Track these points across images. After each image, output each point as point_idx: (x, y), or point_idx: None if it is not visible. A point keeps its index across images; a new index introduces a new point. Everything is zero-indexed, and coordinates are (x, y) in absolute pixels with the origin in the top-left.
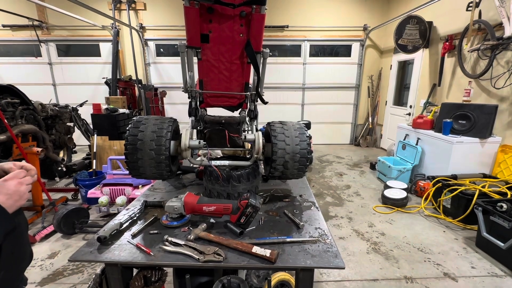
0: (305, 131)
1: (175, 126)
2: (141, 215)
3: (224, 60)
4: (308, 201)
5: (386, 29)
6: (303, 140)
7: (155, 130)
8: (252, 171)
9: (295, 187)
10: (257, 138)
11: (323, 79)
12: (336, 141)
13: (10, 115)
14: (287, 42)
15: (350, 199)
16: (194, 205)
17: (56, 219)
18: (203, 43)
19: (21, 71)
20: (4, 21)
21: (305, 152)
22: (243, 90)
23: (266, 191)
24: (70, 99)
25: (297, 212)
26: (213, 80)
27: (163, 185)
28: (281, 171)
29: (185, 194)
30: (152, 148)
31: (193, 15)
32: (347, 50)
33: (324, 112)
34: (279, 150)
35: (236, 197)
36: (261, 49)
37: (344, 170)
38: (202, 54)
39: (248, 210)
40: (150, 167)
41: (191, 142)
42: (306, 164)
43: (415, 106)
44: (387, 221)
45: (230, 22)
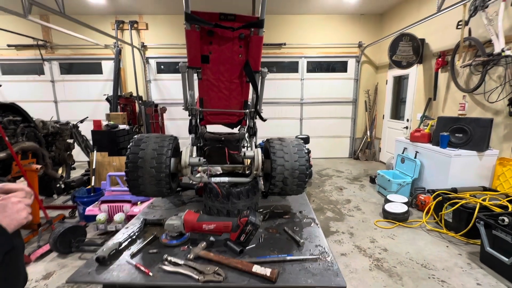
0: (303, 147)
1: (175, 144)
2: (141, 233)
3: (223, 80)
4: (308, 217)
5: (380, 46)
6: (302, 156)
7: (156, 148)
8: (251, 188)
9: (294, 203)
10: (256, 155)
11: (320, 94)
12: (335, 154)
13: (11, 132)
14: (285, 59)
15: (351, 213)
16: (194, 223)
17: (53, 237)
18: (203, 63)
19: (24, 89)
20: (10, 41)
21: (304, 168)
22: (242, 107)
23: (266, 208)
24: (71, 115)
25: (297, 229)
26: (213, 98)
27: (162, 202)
28: (281, 187)
29: (185, 212)
30: (153, 166)
31: (194, 37)
32: (343, 66)
33: (322, 126)
34: (278, 166)
35: (236, 214)
36: (259, 69)
37: (344, 184)
38: (203, 74)
39: (248, 228)
40: (150, 184)
41: (191, 160)
42: (305, 180)
43: (411, 119)
44: (389, 236)
45: (229, 44)
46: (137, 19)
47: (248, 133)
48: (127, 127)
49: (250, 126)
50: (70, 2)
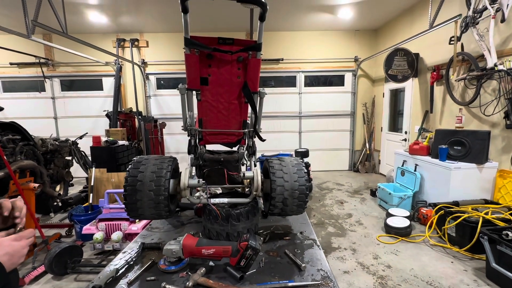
0: (303, 167)
1: (174, 165)
2: (138, 259)
3: (222, 101)
4: (309, 238)
5: (376, 60)
6: (302, 176)
7: (155, 171)
8: (251, 209)
9: (295, 223)
10: (256, 175)
11: (318, 107)
12: (335, 167)
13: (10, 151)
14: (282, 74)
15: (353, 228)
16: (193, 248)
17: (48, 259)
18: (202, 85)
19: (24, 106)
20: (12, 59)
21: (304, 188)
22: (241, 127)
23: (266, 228)
24: (71, 131)
25: (298, 252)
26: (212, 119)
27: (161, 224)
28: (281, 208)
29: (184, 237)
30: (152, 188)
31: (193, 61)
32: (340, 79)
33: (321, 139)
34: (278, 187)
35: (235, 236)
36: (257, 90)
37: (345, 198)
38: (202, 95)
39: (248, 253)
40: (149, 207)
41: (190, 182)
42: (305, 200)
43: (410, 131)
44: (392, 252)
45: (228, 67)
46: (138, 37)
47: (248, 152)
48: (126, 143)
49: (249, 145)
50: (73, 21)
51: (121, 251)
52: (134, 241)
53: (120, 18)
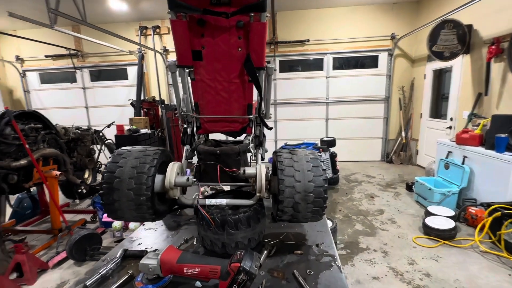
0: (320, 163)
1: (163, 158)
2: (117, 269)
3: (221, 80)
4: (327, 254)
5: (417, 37)
6: (319, 175)
7: (136, 165)
8: (254, 214)
9: (311, 231)
10: (259, 173)
11: (348, 92)
12: (365, 157)
13: (32, 139)
14: (308, 56)
15: (384, 227)
16: (173, 265)
17: (68, 245)
18: (195, 61)
19: (60, 96)
20: (47, 52)
21: (321, 190)
22: (245, 113)
23: (274, 237)
24: (101, 120)
25: (311, 274)
26: (210, 102)
27: (155, 224)
28: (291, 213)
29: (165, 249)
30: (131, 187)
31: (181, 29)
32: (373, 61)
33: (350, 127)
34: (287, 188)
35: (233, 248)
36: (264, 64)
37: (376, 192)
38: (195, 73)
39: (241, 278)
40: (129, 209)
41: (178, 179)
42: (322, 205)
43: (456, 118)
44: (432, 257)
45: (225, 35)
46: (160, 24)
47: (254, 144)
48: (149, 131)
49: (256, 134)
50: (95, 11)
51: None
52: (119, 245)
53: (140, 4)
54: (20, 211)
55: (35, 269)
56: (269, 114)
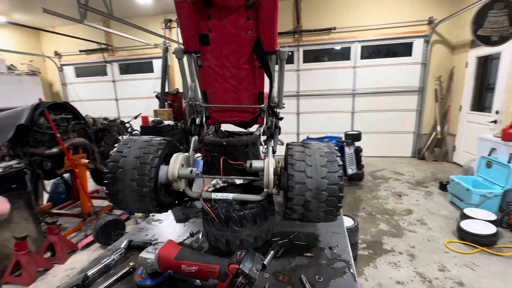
0: (337, 158)
1: (169, 149)
2: (121, 260)
3: (229, 66)
4: (341, 258)
5: (459, 20)
6: (333, 171)
7: (139, 156)
8: (261, 211)
9: (325, 232)
10: (267, 167)
11: (377, 83)
12: (394, 153)
13: (63, 129)
14: (334, 45)
15: (412, 228)
16: (171, 262)
17: (95, 229)
18: (202, 45)
19: (93, 89)
20: (81, 47)
21: (336, 189)
22: (256, 102)
23: (284, 236)
24: (129, 112)
25: (321, 280)
26: (218, 90)
27: (163, 216)
28: (301, 212)
29: (163, 244)
30: (134, 178)
31: (186, 11)
32: (407, 48)
33: (378, 120)
34: (297, 185)
35: (237, 245)
36: (275, 48)
37: (404, 190)
38: (203, 59)
39: (239, 281)
40: (132, 200)
41: (181, 171)
42: (337, 205)
43: (503, 111)
44: (467, 264)
45: (233, 16)
46: None
47: (265, 135)
48: (172, 123)
49: (267, 125)
50: (122, 6)
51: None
52: (126, 235)
53: None
54: (56, 196)
55: (65, 249)
56: (283, 103)
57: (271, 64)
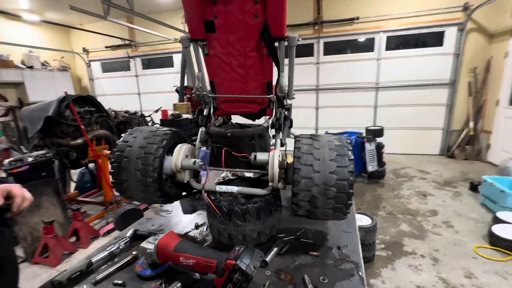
0: (347, 151)
1: (177, 139)
2: (125, 248)
3: (236, 54)
4: (350, 260)
5: (500, 5)
6: (343, 166)
7: (144, 146)
8: (265, 205)
9: (335, 230)
10: (272, 160)
11: (403, 75)
12: (420, 150)
13: (87, 121)
14: (357, 36)
15: (437, 230)
16: (169, 253)
17: (115, 217)
18: (208, 33)
19: (118, 84)
20: (107, 44)
21: (345, 184)
22: (265, 92)
23: (290, 232)
24: (150, 106)
25: (325, 282)
26: (225, 80)
27: (171, 207)
28: (307, 209)
29: (163, 234)
30: (138, 168)
31: None
32: (438, 38)
33: (403, 115)
34: (303, 179)
35: (240, 240)
36: (284, 34)
37: (430, 190)
38: (209, 47)
39: (236, 277)
40: (136, 190)
41: (184, 162)
42: (346, 202)
43: None
44: (498, 272)
45: (240, 0)
46: None
47: (274, 127)
48: (190, 116)
49: (276, 117)
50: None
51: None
52: (133, 224)
53: None
54: (82, 184)
55: (88, 235)
56: (293, 94)
57: (280, 51)
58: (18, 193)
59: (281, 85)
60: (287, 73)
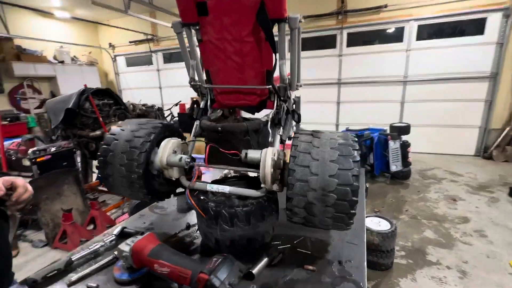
0: (353, 152)
1: (167, 133)
2: (110, 247)
3: (231, 39)
4: (351, 278)
5: None
6: (347, 168)
7: (131, 139)
8: (257, 209)
9: (339, 241)
10: (264, 158)
11: (435, 68)
12: (452, 150)
13: (105, 113)
14: (384, 26)
15: (467, 240)
16: (144, 258)
17: (130, 208)
18: (201, 16)
19: (141, 78)
20: (130, 38)
21: (347, 191)
22: (264, 82)
23: (287, 240)
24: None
25: None
26: (221, 69)
27: (166, 203)
28: (303, 216)
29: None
30: (123, 163)
31: None
32: (478, 26)
33: (433, 111)
34: (298, 182)
35: (227, 246)
36: (284, 15)
37: (461, 194)
38: (202, 32)
39: None
40: (122, 186)
41: (171, 158)
42: (349, 212)
43: None
44: None
45: None
46: None
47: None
48: None
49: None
50: None
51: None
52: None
53: None
54: None
55: (105, 224)
56: (297, 83)
57: (280, 35)
58: (20, 184)
59: (282, 74)
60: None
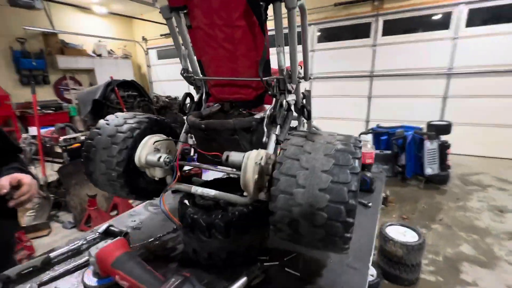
0: (353, 161)
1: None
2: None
3: (221, 24)
4: None
5: None
6: (342, 182)
7: (113, 135)
8: (239, 219)
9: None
10: (245, 163)
11: (488, 59)
12: (503, 154)
13: (130, 105)
14: (427, 11)
15: None
16: (108, 267)
17: None
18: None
19: (170, 70)
20: (162, 32)
21: (341, 210)
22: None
23: (276, 256)
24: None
25: None
26: (213, 59)
27: None
28: (288, 233)
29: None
30: (104, 159)
31: None
32: None
33: (482, 108)
34: (281, 194)
35: (205, 259)
36: None
37: (511, 205)
38: (191, 18)
39: None
40: (103, 183)
41: (150, 157)
42: (342, 234)
43: None
44: None
45: None
46: None
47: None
48: None
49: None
50: None
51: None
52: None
53: None
54: None
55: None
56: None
57: (276, 16)
58: (27, 182)
59: (279, 64)
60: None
